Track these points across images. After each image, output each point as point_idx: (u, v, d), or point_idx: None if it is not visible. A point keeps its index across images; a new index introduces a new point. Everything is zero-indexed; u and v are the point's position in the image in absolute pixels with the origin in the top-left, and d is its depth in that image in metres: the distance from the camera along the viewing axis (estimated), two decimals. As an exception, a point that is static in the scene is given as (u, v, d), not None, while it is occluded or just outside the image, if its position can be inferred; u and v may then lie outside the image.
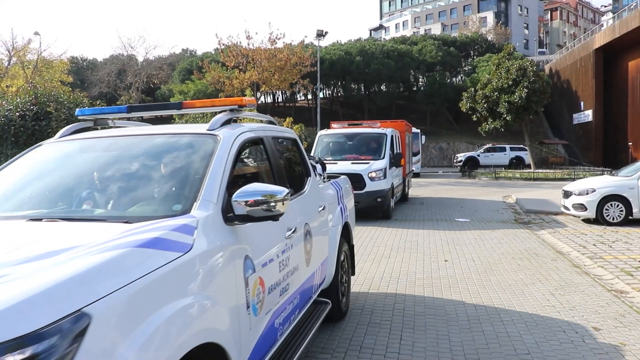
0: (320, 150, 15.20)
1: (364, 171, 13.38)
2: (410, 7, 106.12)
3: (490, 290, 6.84)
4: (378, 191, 13.29)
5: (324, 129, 16.56)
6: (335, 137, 15.75)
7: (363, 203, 12.72)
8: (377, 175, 13.38)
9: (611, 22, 46.33)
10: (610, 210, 12.18)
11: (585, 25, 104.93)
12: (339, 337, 5.19)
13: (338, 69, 55.14)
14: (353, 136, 15.42)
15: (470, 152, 38.87)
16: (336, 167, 12.99)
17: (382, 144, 14.64)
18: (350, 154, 14.62)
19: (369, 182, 13.21)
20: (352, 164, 13.67)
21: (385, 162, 13.92)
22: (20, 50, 39.00)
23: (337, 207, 5.64)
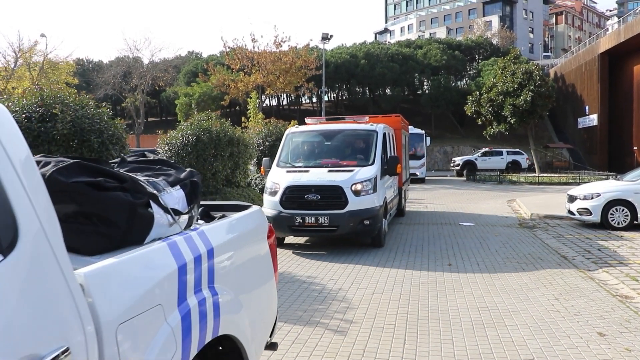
0: (287, 153, 11.40)
1: (346, 182, 9.53)
2: (415, 10, 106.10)
3: (494, 295, 6.82)
4: (365, 210, 9.47)
5: (295, 126, 12.68)
6: (309, 135, 11.77)
7: (344, 228, 9.36)
8: (363, 187, 9.57)
9: (616, 26, 46.20)
10: (615, 214, 12.13)
11: (591, 30, 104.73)
12: (343, 341, 5.18)
13: (343, 72, 55.15)
14: (332, 134, 11.56)
15: (467, 156, 38.60)
16: (306, 177, 9.86)
17: (371, 144, 10.91)
18: (328, 159, 10.90)
19: (352, 197, 9.42)
20: (330, 172, 9.93)
21: (375, 169, 10.12)
22: (27, 52, 39.14)
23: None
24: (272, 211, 9.62)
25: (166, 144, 14.31)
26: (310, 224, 9.40)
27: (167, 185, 2.70)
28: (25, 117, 8.04)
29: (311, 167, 10.59)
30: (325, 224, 9.37)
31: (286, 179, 9.86)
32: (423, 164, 31.02)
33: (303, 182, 9.63)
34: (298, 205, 9.50)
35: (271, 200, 9.80)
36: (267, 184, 10.18)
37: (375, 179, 9.91)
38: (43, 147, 7.92)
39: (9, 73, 37.87)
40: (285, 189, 9.63)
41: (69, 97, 8.79)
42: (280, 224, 9.51)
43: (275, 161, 11.04)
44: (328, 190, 9.41)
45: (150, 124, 61.61)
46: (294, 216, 9.45)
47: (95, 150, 8.39)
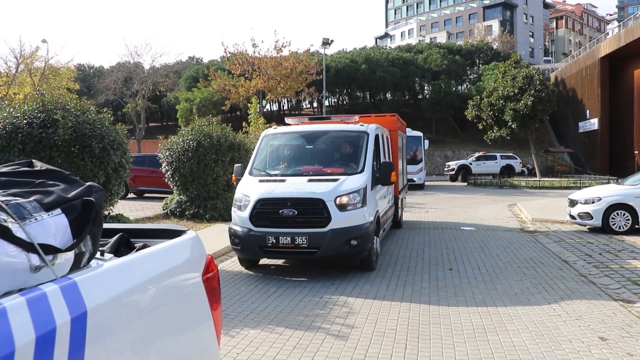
0: (262, 159, 9.73)
1: (329, 194, 7.93)
2: (416, 15, 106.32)
3: (495, 299, 6.81)
4: (352, 228, 7.87)
5: (273, 126, 10.84)
6: (288, 138, 10.18)
7: (326, 250, 7.73)
8: (350, 200, 8.01)
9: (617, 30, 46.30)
10: (617, 219, 12.12)
11: (591, 34, 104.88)
12: (344, 346, 5.18)
13: (344, 76, 55.24)
14: (315, 137, 9.86)
15: (462, 161, 38.47)
16: (282, 187, 8.27)
17: (360, 148, 9.25)
18: (309, 165, 9.33)
19: (336, 213, 7.83)
20: (310, 182, 8.33)
21: (365, 178, 8.52)
22: (28, 57, 39.23)
23: None
24: (240, 229, 8.12)
25: (167, 149, 14.33)
26: (286, 245, 7.79)
27: (39, 208, 1.81)
28: (26, 122, 8.07)
29: (289, 175, 8.90)
30: (304, 244, 7.73)
31: (257, 191, 8.22)
32: (421, 169, 29.26)
33: (277, 195, 8.04)
34: (271, 222, 7.93)
35: (240, 216, 8.20)
36: (236, 195, 8.55)
37: (364, 189, 8.26)
38: (44, 152, 7.94)
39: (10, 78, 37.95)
40: (255, 202, 8.03)
41: (70, 102, 8.83)
42: (249, 244, 7.99)
43: (248, 168, 9.34)
44: (307, 204, 7.88)
45: (151, 129, 61.67)
46: (265, 235, 7.81)
47: (97, 155, 8.41)
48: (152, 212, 15.35)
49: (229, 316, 6.18)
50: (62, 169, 6.79)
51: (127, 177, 9.91)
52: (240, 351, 5.07)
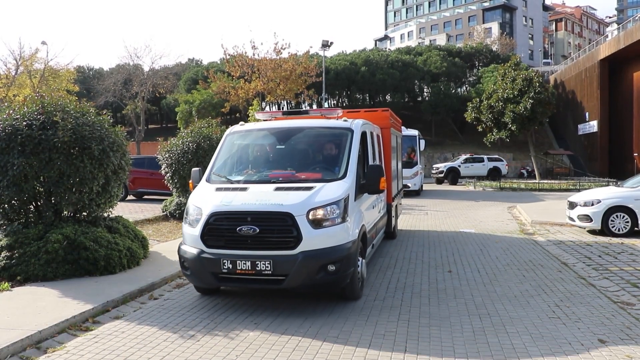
0: (224, 161, 8.05)
1: (299, 207, 6.32)
2: (415, 17, 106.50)
3: (495, 301, 6.81)
4: (330, 250, 6.23)
5: (240, 123, 8.85)
6: (256, 136, 8.52)
7: (295, 277, 6.11)
8: (327, 214, 6.38)
9: (616, 33, 46.33)
10: (616, 221, 12.12)
11: (590, 36, 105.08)
12: (344, 348, 5.18)
13: (343, 79, 55.29)
14: (288, 134, 8.24)
15: (451, 163, 38.26)
16: (241, 198, 6.62)
17: (343, 148, 7.63)
18: (279, 170, 7.67)
19: (308, 230, 6.20)
20: (277, 192, 6.70)
21: (347, 185, 6.89)
22: (28, 59, 39.28)
23: None
24: (191, 250, 6.50)
25: (166, 151, 14.33)
26: (245, 272, 6.16)
27: None
28: (26, 124, 8.07)
29: (253, 182, 7.23)
30: (267, 271, 6.10)
31: (211, 202, 6.60)
32: (417, 172, 25.62)
33: (234, 207, 6.41)
34: (227, 241, 6.31)
35: (190, 234, 6.61)
36: (187, 207, 6.97)
37: (345, 200, 6.62)
38: (44, 154, 7.94)
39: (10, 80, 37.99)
40: (208, 217, 6.41)
41: (69, 104, 8.82)
42: (200, 269, 6.40)
43: (206, 174, 7.69)
44: (272, 219, 6.26)
45: (150, 131, 61.68)
46: (220, 259, 6.22)
47: (96, 157, 8.40)
48: (151, 214, 15.35)
49: (228, 319, 6.18)
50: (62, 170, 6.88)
51: (126, 179, 9.89)
52: (239, 353, 5.07)
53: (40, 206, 8.60)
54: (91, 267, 7.88)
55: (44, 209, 8.49)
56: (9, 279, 7.48)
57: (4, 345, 5.04)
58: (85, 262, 7.84)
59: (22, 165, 7.81)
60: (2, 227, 8.46)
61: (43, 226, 8.17)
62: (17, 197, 8.18)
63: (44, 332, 5.49)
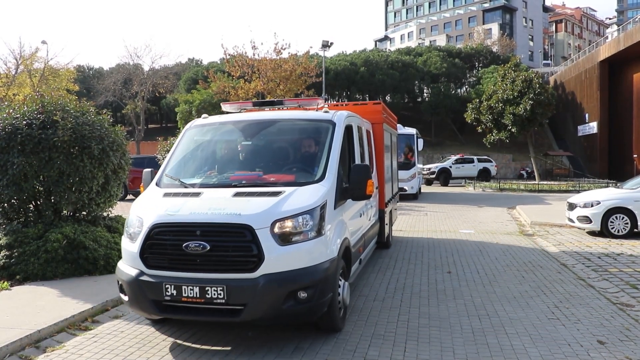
0: (181, 161, 6.72)
1: (261, 218, 5.08)
2: (415, 18, 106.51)
3: (494, 302, 6.81)
4: (301, 272, 5.06)
5: (203, 116, 7.41)
6: (220, 131, 7.19)
7: (256, 308, 4.88)
8: (298, 226, 5.17)
9: (616, 34, 46.34)
10: (615, 222, 12.12)
11: (590, 38, 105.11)
12: (343, 349, 5.18)
13: (343, 79, 55.33)
14: (257, 128, 6.98)
15: (442, 164, 38.18)
16: (191, 206, 5.36)
17: (322, 144, 6.34)
18: (243, 171, 6.39)
19: (273, 247, 4.99)
20: (236, 198, 5.48)
21: (324, 190, 5.64)
22: (28, 58, 39.25)
23: None
24: (129, 270, 5.26)
25: (166, 151, 14.34)
26: (192, 300, 4.94)
27: None
28: (26, 123, 8.07)
29: (210, 186, 5.94)
30: (220, 299, 4.87)
31: (155, 211, 5.33)
32: (414, 174, 23.60)
33: (180, 218, 5.15)
34: (171, 261, 5.07)
35: (129, 250, 5.36)
36: (128, 216, 5.67)
37: (322, 208, 5.36)
38: (44, 153, 7.94)
39: (9, 80, 37.96)
40: (149, 229, 5.16)
41: (69, 104, 8.83)
42: (139, 295, 5.14)
43: (157, 175, 6.39)
44: (225, 233, 5.01)
45: (150, 131, 61.70)
46: (162, 283, 4.99)
47: (96, 157, 8.41)
48: (151, 214, 15.32)
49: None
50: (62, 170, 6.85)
51: (126, 179, 9.91)
52: (239, 355, 5.07)
53: (39, 205, 8.60)
54: (91, 266, 7.89)
55: (43, 208, 8.49)
56: (9, 278, 7.49)
57: (3, 345, 5.03)
58: (84, 261, 7.84)
59: (21, 164, 7.81)
60: (2, 226, 8.47)
61: (43, 225, 8.17)
62: (17, 196, 8.19)
63: (43, 332, 5.49)
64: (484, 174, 36.55)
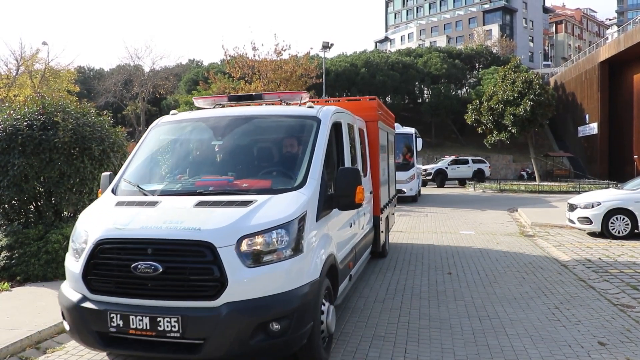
0: (142, 164, 5.82)
1: (224, 234, 4.19)
2: (416, 19, 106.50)
3: (495, 303, 6.81)
4: (272, 300, 4.16)
5: (172, 112, 6.60)
6: (190, 129, 6.34)
7: (219, 341, 4.04)
8: (270, 243, 4.28)
9: (616, 35, 46.36)
10: (616, 223, 12.12)
11: (590, 38, 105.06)
12: (343, 350, 5.18)
13: (343, 80, 55.33)
14: (231, 126, 6.01)
15: (438, 165, 38.12)
16: (144, 218, 4.53)
17: (304, 144, 5.49)
18: (212, 175, 5.55)
19: (239, 270, 4.10)
20: (197, 208, 4.58)
21: (304, 198, 4.73)
22: (29, 59, 39.31)
23: None
24: (70, 295, 4.47)
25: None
26: (141, 332, 4.18)
27: None
28: (26, 125, 8.08)
29: (172, 193, 5.11)
30: (174, 332, 4.10)
31: (103, 224, 4.54)
32: (413, 175, 22.63)
33: (130, 233, 4.36)
34: (118, 285, 4.27)
35: (72, 271, 4.57)
36: (74, 230, 4.83)
37: (300, 220, 4.50)
38: (44, 154, 7.95)
39: (10, 81, 38.00)
40: (94, 247, 4.35)
41: (70, 105, 8.84)
42: (81, 325, 4.37)
43: (114, 180, 5.53)
44: (181, 252, 4.22)
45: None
46: (107, 312, 4.21)
47: (97, 158, 8.42)
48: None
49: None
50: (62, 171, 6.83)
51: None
52: (239, 354, 5.06)
53: (40, 206, 8.61)
54: (91, 267, 7.88)
55: (44, 209, 8.50)
56: (9, 279, 7.49)
57: (4, 346, 5.04)
58: (85, 262, 7.83)
59: (22, 165, 7.82)
60: (3, 227, 8.47)
61: (43, 226, 8.18)
62: (18, 197, 8.19)
63: (43, 333, 5.49)
64: (479, 175, 36.65)
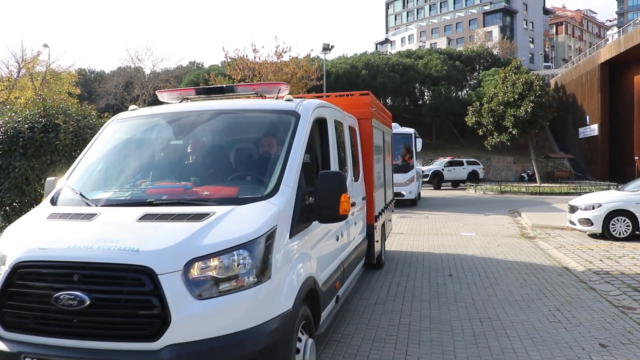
0: (89, 167, 4.86)
1: (166, 256, 3.26)
2: (416, 21, 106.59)
3: (496, 305, 6.81)
4: (230, 340, 3.24)
5: (132, 107, 5.67)
6: (146, 126, 5.41)
7: None
8: (228, 267, 3.34)
9: (616, 36, 46.40)
10: (617, 225, 12.11)
11: (591, 40, 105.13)
12: (344, 352, 5.18)
13: (344, 82, 55.33)
14: (194, 123, 5.07)
15: (435, 166, 38.08)
16: (73, 236, 3.56)
17: (280, 144, 4.50)
18: (169, 181, 4.55)
19: (186, 301, 3.19)
20: (141, 223, 3.66)
21: (274, 210, 3.77)
22: (30, 62, 39.35)
23: None
24: None
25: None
26: None
27: None
28: (28, 127, 8.10)
29: (118, 203, 4.21)
30: None
31: (25, 243, 3.65)
32: (412, 178, 21.33)
33: (52, 255, 3.44)
34: (36, 320, 3.37)
35: None
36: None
37: (267, 238, 3.60)
38: (45, 157, 7.96)
39: (11, 83, 38.04)
40: (10, 271, 3.46)
41: (71, 107, 8.86)
42: None
43: (57, 187, 4.65)
44: (113, 279, 3.32)
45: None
46: (20, 355, 3.33)
47: (98, 160, 8.42)
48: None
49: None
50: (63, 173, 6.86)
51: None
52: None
53: (41, 209, 8.61)
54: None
55: (45, 212, 8.50)
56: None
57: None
58: (86, 264, 7.84)
59: (24, 167, 7.84)
60: (4, 229, 8.48)
61: (44, 229, 8.17)
62: (19, 200, 8.21)
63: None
64: (473, 177, 36.72)
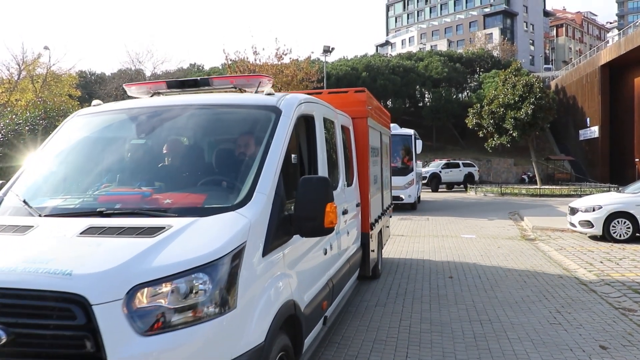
0: (44, 169, 4.25)
1: (103, 282, 2.56)
2: (416, 23, 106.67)
3: (496, 307, 6.81)
4: None
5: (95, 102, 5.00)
6: (108, 124, 4.69)
7: None
8: (182, 295, 2.65)
9: (617, 38, 46.45)
10: (617, 227, 12.11)
11: (591, 42, 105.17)
12: (345, 354, 5.18)
13: (344, 84, 55.26)
14: (161, 120, 4.35)
15: (432, 168, 38.04)
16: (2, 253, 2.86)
17: (257, 145, 3.78)
18: (128, 186, 3.82)
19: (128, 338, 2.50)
20: (82, 238, 2.95)
21: (244, 222, 3.08)
22: (30, 64, 39.37)
23: None
24: None
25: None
26: None
27: None
28: (28, 129, 8.11)
29: (62, 213, 3.47)
30: None
31: None
32: (412, 181, 20.60)
33: None
34: None
35: None
36: None
37: (233, 258, 2.88)
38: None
39: (12, 85, 38.06)
40: None
41: (71, 109, 8.87)
42: None
43: (3, 190, 4.02)
44: (38, 310, 2.58)
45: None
46: None
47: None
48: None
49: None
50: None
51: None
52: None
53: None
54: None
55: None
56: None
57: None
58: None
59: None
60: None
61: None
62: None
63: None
64: (469, 179, 36.78)
